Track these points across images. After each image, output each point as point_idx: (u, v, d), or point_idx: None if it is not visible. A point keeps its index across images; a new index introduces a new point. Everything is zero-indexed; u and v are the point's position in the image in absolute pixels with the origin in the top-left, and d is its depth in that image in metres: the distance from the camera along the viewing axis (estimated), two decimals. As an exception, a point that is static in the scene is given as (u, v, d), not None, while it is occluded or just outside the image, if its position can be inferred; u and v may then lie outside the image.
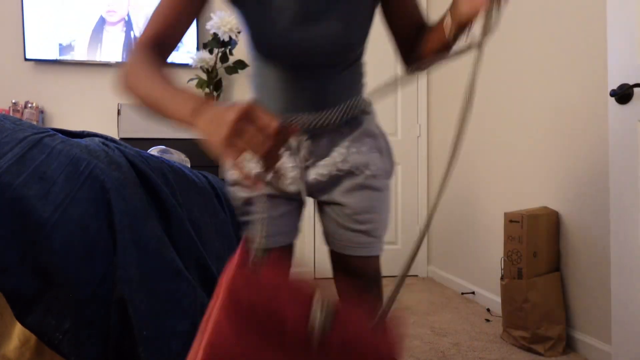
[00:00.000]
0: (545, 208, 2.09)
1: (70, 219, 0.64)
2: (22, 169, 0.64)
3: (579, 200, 1.95)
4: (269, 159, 0.59)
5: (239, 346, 0.53)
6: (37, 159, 0.67)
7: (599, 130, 1.84)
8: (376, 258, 1.00)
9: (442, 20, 0.82)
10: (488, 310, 2.49)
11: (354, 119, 0.94)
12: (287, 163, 0.93)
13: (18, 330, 0.63)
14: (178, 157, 1.07)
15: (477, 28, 0.71)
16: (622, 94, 1.57)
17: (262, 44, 0.87)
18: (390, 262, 3.34)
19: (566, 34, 2.03)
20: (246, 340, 0.53)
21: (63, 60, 3.00)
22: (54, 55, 2.98)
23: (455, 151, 0.62)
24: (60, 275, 0.61)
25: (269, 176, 0.87)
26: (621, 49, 1.59)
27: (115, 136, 2.79)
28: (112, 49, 3.05)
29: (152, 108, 0.67)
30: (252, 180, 0.57)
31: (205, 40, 3.00)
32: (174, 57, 3.01)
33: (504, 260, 2.04)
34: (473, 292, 2.71)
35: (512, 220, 2.01)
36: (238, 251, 0.60)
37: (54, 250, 0.61)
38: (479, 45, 0.69)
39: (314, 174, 0.94)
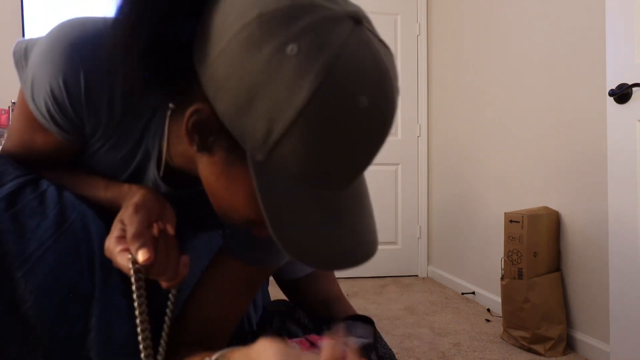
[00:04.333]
0: (546, 208, 2.08)
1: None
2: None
3: (579, 200, 1.95)
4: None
5: None
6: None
7: (598, 130, 1.84)
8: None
9: None
10: (488, 310, 2.49)
11: None
12: None
13: None
14: None
15: None
16: (621, 94, 1.57)
17: None
18: (390, 262, 3.35)
19: (565, 34, 2.03)
20: None
21: (63, 60, 3.00)
22: (54, 55, 2.98)
23: None
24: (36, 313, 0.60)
25: None
26: (620, 49, 1.59)
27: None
28: (112, 50, 3.05)
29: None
30: None
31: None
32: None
33: (504, 260, 2.04)
34: (473, 292, 2.71)
35: (512, 220, 2.01)
36: None
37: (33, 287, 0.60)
38: None
39: None
